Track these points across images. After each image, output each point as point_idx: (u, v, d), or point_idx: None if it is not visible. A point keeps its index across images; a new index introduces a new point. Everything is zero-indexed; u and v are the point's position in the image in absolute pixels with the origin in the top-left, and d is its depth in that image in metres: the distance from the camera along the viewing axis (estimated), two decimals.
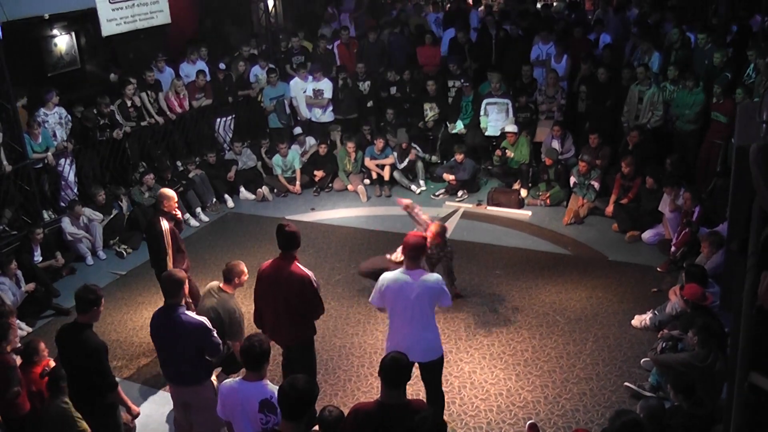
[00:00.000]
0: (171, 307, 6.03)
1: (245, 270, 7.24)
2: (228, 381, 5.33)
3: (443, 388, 6.79)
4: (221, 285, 7.16)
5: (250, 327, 7.08)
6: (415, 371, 6.59)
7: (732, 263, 2.32)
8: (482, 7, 18.24)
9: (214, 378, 6.39)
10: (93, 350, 5.87)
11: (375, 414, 4.81)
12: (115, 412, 6.21)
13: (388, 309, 6.43)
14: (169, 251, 7.75)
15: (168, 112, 13.18)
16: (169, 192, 8.09)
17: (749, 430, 1.62)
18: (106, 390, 6.02)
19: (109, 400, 6.12)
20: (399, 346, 6.33)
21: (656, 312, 8.28)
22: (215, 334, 6.11)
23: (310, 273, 6.53)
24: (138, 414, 6.49)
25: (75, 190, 11.88)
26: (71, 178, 11.89)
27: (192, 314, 6.12)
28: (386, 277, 6.34)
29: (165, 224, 7.81)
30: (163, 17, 12.50)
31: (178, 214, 8.10)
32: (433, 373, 6.60)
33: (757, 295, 1.62)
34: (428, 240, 8.10)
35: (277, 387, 4.70)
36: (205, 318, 6.18)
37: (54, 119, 11.63)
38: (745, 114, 2.44)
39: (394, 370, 4.82)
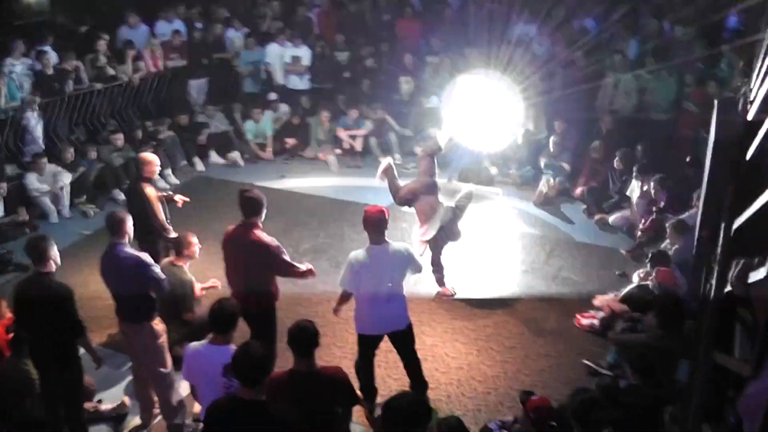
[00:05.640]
0: (113, 246, 6.16)
1: (193, 241, 7.34)
2: (194, 344, 5.34)
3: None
4: (172, 260, 7.31)
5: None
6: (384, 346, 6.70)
7: (702, 251, 2.38)
8: None
9: (158, 323, 6.40)
10: (60, 296, 5.82)
11: (286, 382, 4.84)
12: (78, 366, 6.20)
13: (360, 289, 6.43)
14: (161, 216, 7.73)
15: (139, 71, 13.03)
16: (150, 156, 8.02)
17: (710, 407, 1.69)
18: (76, 334, 5.99)
19: (77, 346, 6.10)
20: (372, 319, 6.42)
21: (616, 294, 8.39)
22: (155, 269, 6.22)
23: (270, 239, 6.48)
24: (101, 364, 6.48)
25: (41, 146, 11.60)
26: (38, 132, 11.60)
27: (131, 249, 6.21)
28: (357, 257, 6.34)
29: (151, 190, 7.77)
30: None
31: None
32: (407, 340, 6.72)
33: (726, 281, 1.68)
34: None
35: None
36: (145, 254, 6.29)
37: (21, 70, 11.41)
38: (723, 109, 2.50)
39: (301, 338, 4.86)
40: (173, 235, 7.90)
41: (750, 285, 1.51)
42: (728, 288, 1.71)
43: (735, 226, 1.93)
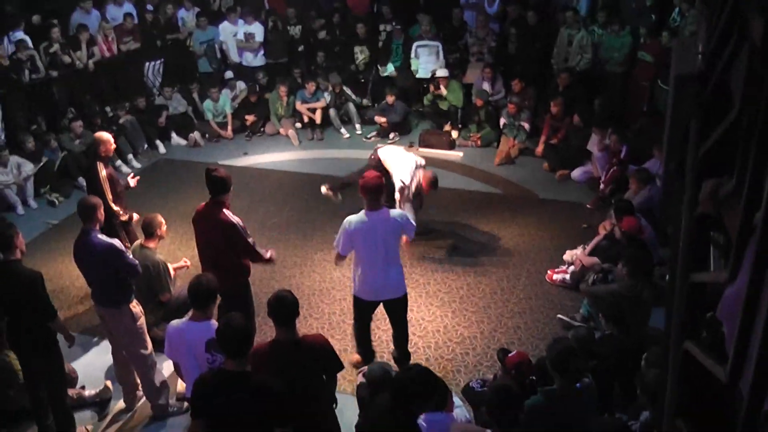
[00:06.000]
0: (85, 232, 6.19)
1: (162, 221, 7.37)
2: (175, 322, 5.36)
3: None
4: (142, 242, 7.33)
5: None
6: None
7: (670, 181, 2.47)
8: None
9: (135, 306, 6.42)
10: (29, 281, 5.82)
11: (269, 353, 4.89)
12: (57, 351, 6.21)
13: (355, 252, 6.50)
14: (109, 196, 7.70)
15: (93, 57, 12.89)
16: (105, 135, 8.00)
17: (689, 325, 1.78)
18: (46, 319, 5.99)
19: (51, 329, 6.10)
20: (373, 286, 6.48)
21: (585, 246, 8.51)
22: (127, 255, 6.28)
23: (236, 219, 6.48)
24: (73, 341, 6.48)
25: (2, 137, 11.49)
26: None
27: (103, 237, 6.21)
28: (351, 220, 6.38)
29: (103, 170, 7.75)
30: None
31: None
32: (402, 308, 6.81)
33: (696, 204, 1.76)
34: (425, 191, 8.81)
35: None
36: (117, 240, 6.32)
37: None
38: (682, 47, 2.59)
39: (280, 307, 4.90)
40: (124, 218, 7.94)
41: (720, 202, 1.59)
42: (699, 210, 1.80)
43: (701, 151, 2.01)
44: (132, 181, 8.48)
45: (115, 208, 7.81)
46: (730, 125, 1.67)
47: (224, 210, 6.46)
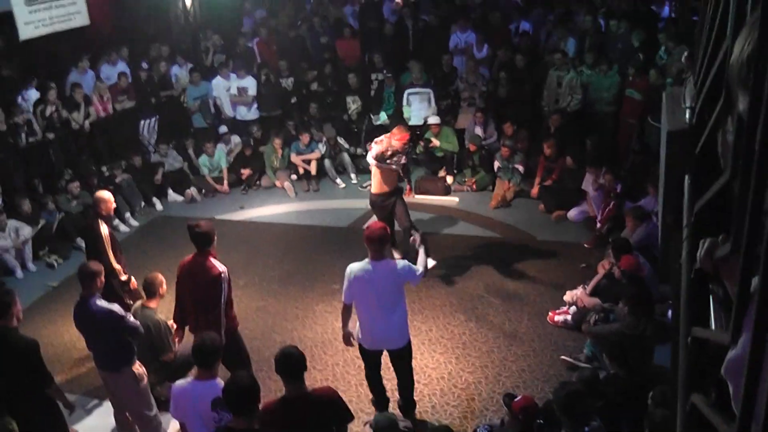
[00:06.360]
0: (84, 298, 6.25)
1: (163, 279, 7.44)
2: (180, 381, 5.37)
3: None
4: (143, 302, 7.35)
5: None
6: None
7: (667, 235, 2.51)
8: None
9: (138, 367, 6.45)
10: (25, 348, 5.88)
11: (279, 409, 4.89)
12: (58, 416, 6.21)
13: (356, 300, 6.49)
14: (110, 254, 7.74)
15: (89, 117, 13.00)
16: (105, 194, 8.04)
17: (695, 380, 1.80)
18: (43, 386, 6.01)
19: (49, 396, 6.10)
20: (374, 335, 6.48)
21: (585, 286, 8.53)
22: (128, 319, 6.34)
23: (222, 268, 6.57)
24: (72, 407, 6.49)
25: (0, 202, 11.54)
26: None
27: (103, 303, 6.26)
28: (353, 268, 6.39)
29: (104, 228, 7.79)
30: (81, 19, 12.24)
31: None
32: (407, 357, 6.80)
33: (694, 261, 1.80)
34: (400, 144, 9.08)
35: None
36: (116, 305, 6.38)
37: None
38: (672, 99, 2.65)
39: (288, 364, 4.91)
40: (123, 277, 7.94)
41: (717, 261, 1.62)
42: (697, 265, 1.83)
43: (696, 208, 2.05)
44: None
45: (117, 266, 7.83)
46: (722, 188, 1.73)
47: (210, 258, 6.60)
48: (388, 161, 9.17)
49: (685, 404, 1.82)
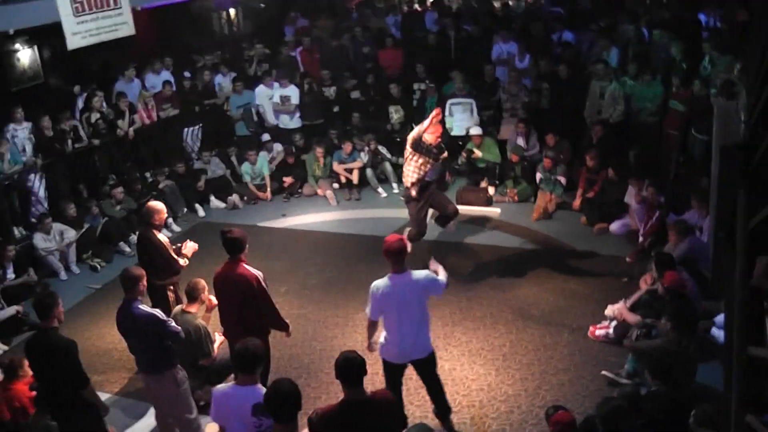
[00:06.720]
0: (127, 302, 6.37)
1: (205, 285, 7.53)
2: (221, 386, 5.40)
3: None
4: (183, 307, 7.47)
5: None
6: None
7: (719, 252, 2.48)
8: (437, 9, 18.17)
9: (179, 370, 6.55)
10: (63, 349, 5.98)
11: (338, 414, 4.89)
12: (96, 417, 6.30)
13: (384, 316, 6.49)
14: (172, 253, 7.93)
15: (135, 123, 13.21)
16: (158, 205, 8.17)
17: (749, 399, 1.77)
18: (79, 387, 6.09)
19: (85, 398, 6.19)
20: (403, 348, 6.47)
21: (626, 300, 8.43)
22: (169, 323, 6.44)
23: (258, 273, 6.71)
24: (107, 410, 6.56)
25: (45, 206, 11.83)
26: (41, 193, 11.88)
27: (145, 307, 6.40)
28: (378, 285, 6.38)
29: (162, 236, 7.96)
30: (127, 29, 12.37)
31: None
32: (433, 365, 6.79)
33: (749, 279, 1.77)
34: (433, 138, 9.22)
35: None
36: (158, 310, 6.51)
37: (24, 134, 11.66)
38: (723, 113, 2.62)
39: (349, 368, 4.90)
40: (184, 263, 8.14)
41: None
42: (752, 283, 1.80)
43: (751, 225, 2.03)
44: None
45: (182, 261, 8.01)
46: None
47: (242, 264, 6.74)
48: (422, 151, 9.19)
49: (740, 424, 1.80)
